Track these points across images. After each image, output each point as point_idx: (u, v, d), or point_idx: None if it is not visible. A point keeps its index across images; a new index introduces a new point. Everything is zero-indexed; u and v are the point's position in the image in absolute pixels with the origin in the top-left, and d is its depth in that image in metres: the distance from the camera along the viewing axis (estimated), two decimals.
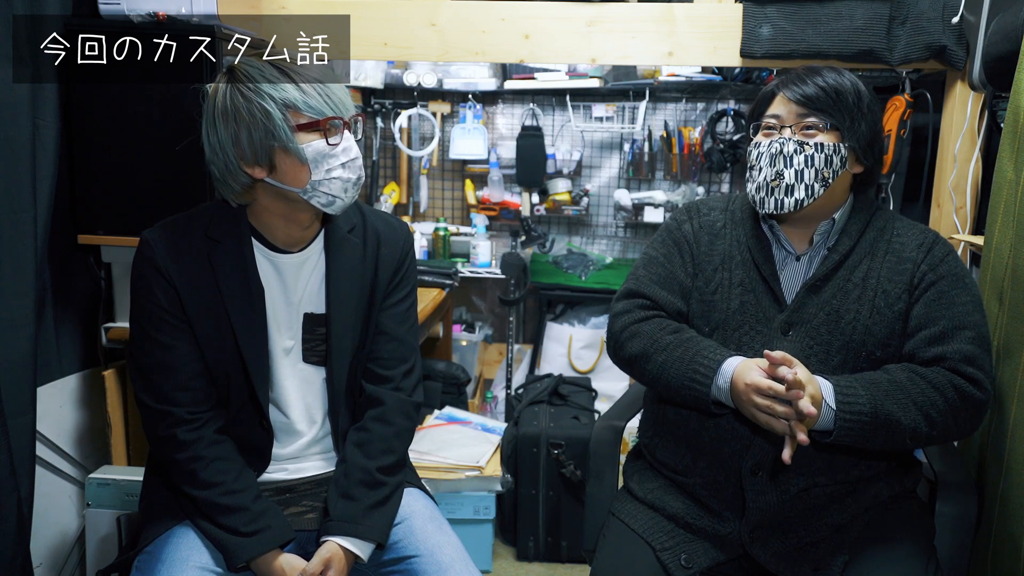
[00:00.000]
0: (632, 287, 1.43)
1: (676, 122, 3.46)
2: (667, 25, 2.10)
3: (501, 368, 3.54)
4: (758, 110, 1.40)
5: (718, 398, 1.28)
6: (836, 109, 1.31)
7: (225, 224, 1.30)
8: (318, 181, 1.24)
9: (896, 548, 1.27)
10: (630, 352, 1.37)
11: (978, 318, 1.29)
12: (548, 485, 2.41)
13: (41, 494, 1.70)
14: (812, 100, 1.31)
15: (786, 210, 1.32)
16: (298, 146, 1.21)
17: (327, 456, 1.40)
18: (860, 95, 1.33)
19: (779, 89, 1.36)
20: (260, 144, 1.21)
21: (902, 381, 1.24)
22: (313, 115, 1.21)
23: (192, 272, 1.27)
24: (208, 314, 1.28)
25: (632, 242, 3.61)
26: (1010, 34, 1.65)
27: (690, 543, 1.31)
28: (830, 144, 1.31)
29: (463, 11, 2.12)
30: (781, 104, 1.35)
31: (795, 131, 1.33)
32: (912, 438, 1.24)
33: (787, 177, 1.31)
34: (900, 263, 1.33)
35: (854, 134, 1.32)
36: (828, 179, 1.32)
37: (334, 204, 1.27)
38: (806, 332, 1.32)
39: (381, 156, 3.64)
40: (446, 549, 1.29)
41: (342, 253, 1.36)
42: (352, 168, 1.26)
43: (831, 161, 1.31)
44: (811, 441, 1.21)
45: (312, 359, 1.35)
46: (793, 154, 1.31)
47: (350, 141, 1.26)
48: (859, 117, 1.32)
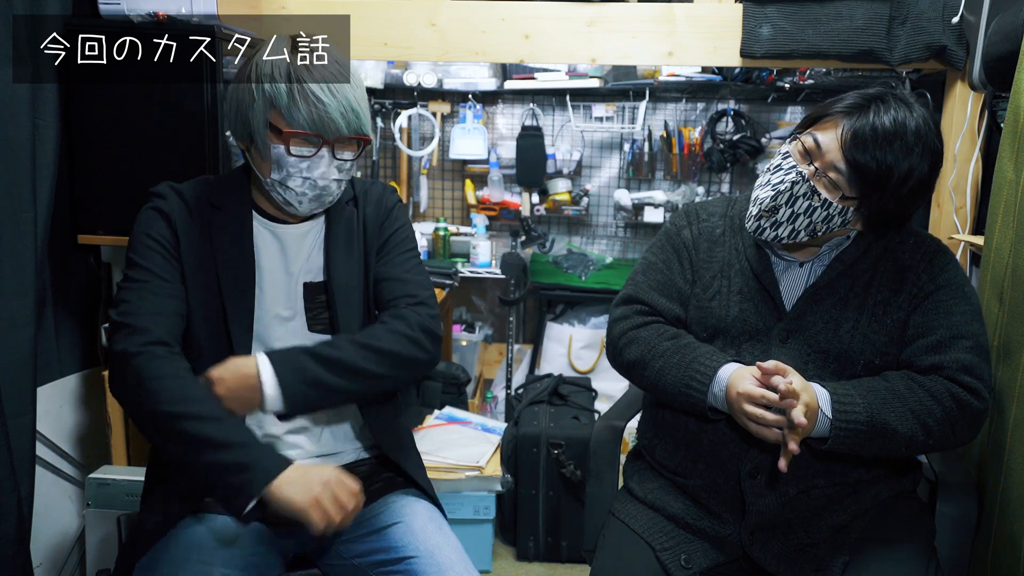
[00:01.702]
0: (631, 293, 1.43)
1: (676, 122, 3.46)
2: (667, 25, 2.10)
3: (501, 368, 3.54)
4: (815, 119, 1.28)
5: (714, 405, 1.28)
6: (875, 189, 1.20)
7: (228, 193, 1.35)
8: (277, 181, 1.28)
9: (896, 548, 1.27)
10: (628, 358, 1.37)
11: (976, 327, 1.28)
12: (548, 485, 2.41)
13: (41, 494, 1.70)
14: (860, 149, 1.19)
15: (766, 238, 1.31)
16: (265, 141, 1.26)
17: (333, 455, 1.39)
18: (916, 147, 1.19)
19: (843, 119, 1.22)
20: (240, 123, 1.28)
21: (900, 390, 1.24)
22: (284, 124, 1.23)
23: (192, 230, 1.30)
24: (198, 273, 1.29)
25: (632, 242, 3.61)
26: (1010, 34, 1.65)
27: (690, 544, 1.31)
28: (837, 207, 1.24)
29: (463, 11, 2.12)
30: (830, 135, 1.22)
31: (819, 175, 1.23)
32: (908, 447, 1.24)
33: (779, 215, 1.27)
34: (900, 272, 1.32)
35: (873, 206, 1.23)
36: (817, 232, 1.27)
37: (289, 207, 1.31)
38: (804, 340, 1.31)
39: (381, 156, 3.64)
40: (445, 550, 1.28)
41: (340, 222, 1.39)
42: (310, 185, 1.28)
43: (830, 220, 1.26)
44: (808, 448, 1.21)
45: (317, 327, 1.36)
46: (800, 197, 1.25)
47: (323, 161, 1.27)
48: (891, 195, 1.21)
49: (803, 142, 1.27)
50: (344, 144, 1.29)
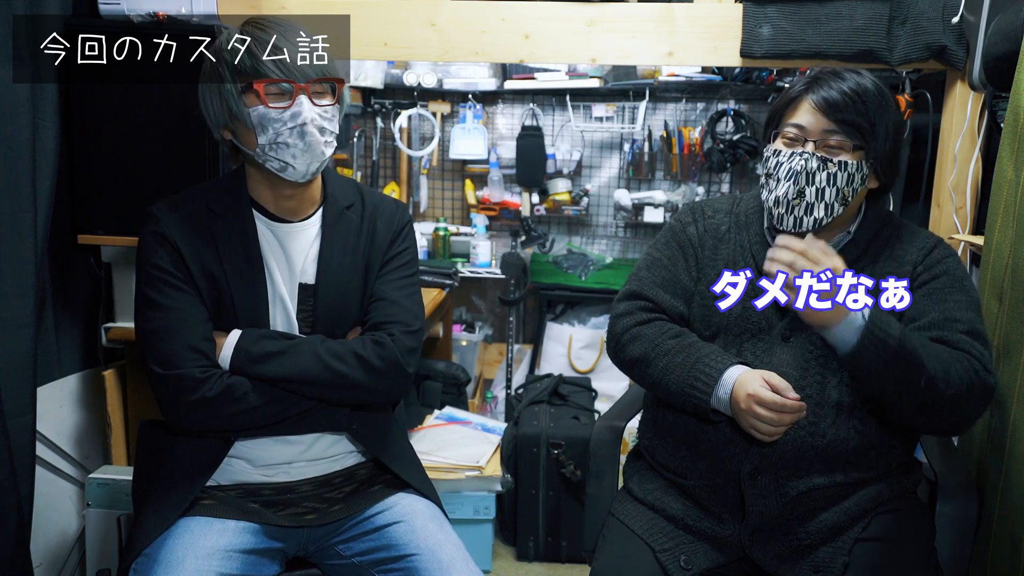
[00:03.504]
0: (634, 288, 1.42)
1: (676, 122, 3.46)
2: (667, 25, 2.09)
3: (501, 368, 3.54)
4: (779, 114, 1.34)
5: (716, 407, 1.28)
6: (863, 120, 1.26)
7: (225, 197, 1.34)
8: (267, 145, 1.25)
9: (896, 549, 1.27)
10: (631, 355, 1.37)
11: (972, 315, 1.28)
12: (548, 485, 2.41)
13: (41, 494, 1.69)
14: (839, 109, 1.26)
15: (805, 228, 1.30)
16: (242, 108, 1.23)
17: (331, 456, 1.39)
18: (884, 101, 1.28)
19: (805, 95, 1.29)
20: (218, 108, 1.26)
21: (926, 339, 1.24)
22: (255, 80, 1.21)
23: (195, 242, 1.30)
24: (209, 283, 1.30)
25: (632, 242, 3.61)
26: (1010, 34, 1.65)
27: (690, 544, 1.31)
28: (853, 163, 1.27)
29: (463, 11, 2.12)
30: (807, 114, 1.29)
31: (819, 147, 1.28)
32: (927, 386, 1.19)
33: (808, 196, 1.28)
34: (900, 267, 1.32)
35: (876, 151, 1.28)
36: (848, 197, 1.29)
37: (287, 170, 1.27)
38: (806, 338, 1.31)
39: (381, 156, 3.64)
40: (446, 547, 1.28)
41: (337, 227, 1.37)
42: (301, 133, 1.24)
43: (852, 179, 1.28)
44: (830, 350, 1.24)
45: (305, 330, 1.36)
46: (816, 171, 1.27)
47: (301, 107, 1.23)
48: (883, 130, 1.27)
49: (785, 133, 1.31)
50: (320, 92, 1.27)
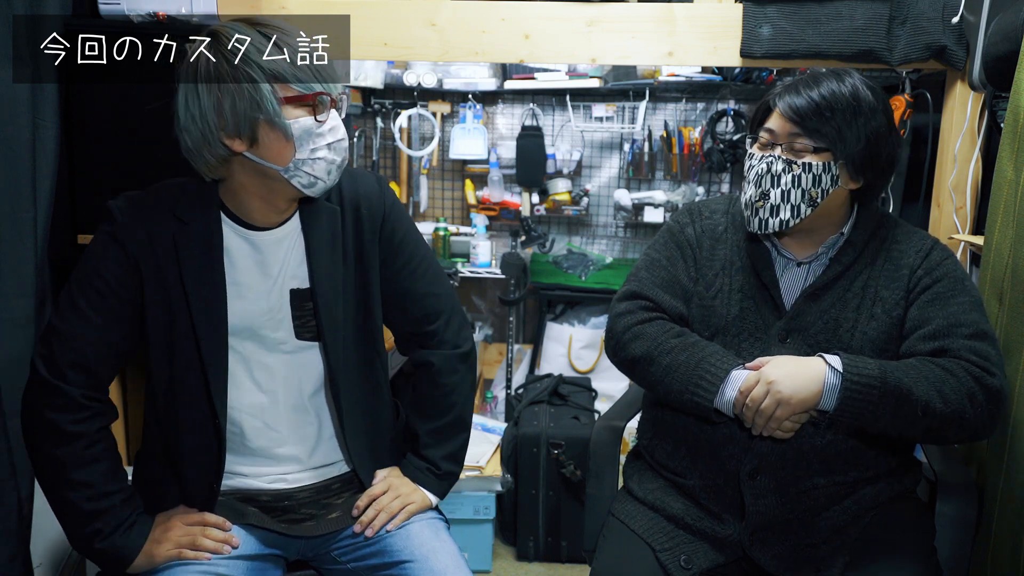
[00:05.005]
0: (634, 288, 1.42)
1: (676, 122, 3.46)
2: (667, 25, 2.09)
3: (501, 368, 3.54)
4: (757, 119, 1.36)
5: (720, 407, 1.28)
6: (828, 127, 1.26)
7: (194, 203, 1.25)
8: (301, 160, 1.18)
9: (896, 549, 1.27)
10: (633, 353, 1.36)
11: (976, 316, 1.27)
12: (548, 485, 2.41)
13: (41, 494, 1.69)
14: (803, 117, 1.27)
15: (770, 230, 1.32)
16: (285, 121, 1.15)
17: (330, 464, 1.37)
18: (859, 107, 1.26)
19: (774, 103, 1.31)
20: (244, 115, 1.14)
21: (912, 363, 1.23)
22: (302, 89, 1.15)
23: (156, 252, 1.22)
24: (164, 293, 1.23)
25: (632, 242, 3.61)
26: (1010, 34, 1.65)
27: (690, 544, 1.31)
28: (819, 164, 1.27)
29: (463, 11, 2.12)
30: (776, 118, 1.31)
31: (784, 151, 1.30)
32: (925, 412, 1.18)
33: (772, 198, 1.29)
34: (898, 270, 1.32)
35: (846, 152, 1.27)
36: (816, 199, 1.29)
37: (315, 186, 1.21)
38: (804, 339, 1.31)
39: (381, 156, 3.64)
40: (441, 555, 1.27)
41: (319, 223, 1.30)
42: (338, 149, 1.21)
43: (820, 180, 1.28)
44: (812, 424, 1.23)
45: (305, 335, 1.30)
46: (781, 173, 1.29)
47: (336, 120, 1.20)
48: (854, 134, 1.26)
49: (760, 138, 1.33)
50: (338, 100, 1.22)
